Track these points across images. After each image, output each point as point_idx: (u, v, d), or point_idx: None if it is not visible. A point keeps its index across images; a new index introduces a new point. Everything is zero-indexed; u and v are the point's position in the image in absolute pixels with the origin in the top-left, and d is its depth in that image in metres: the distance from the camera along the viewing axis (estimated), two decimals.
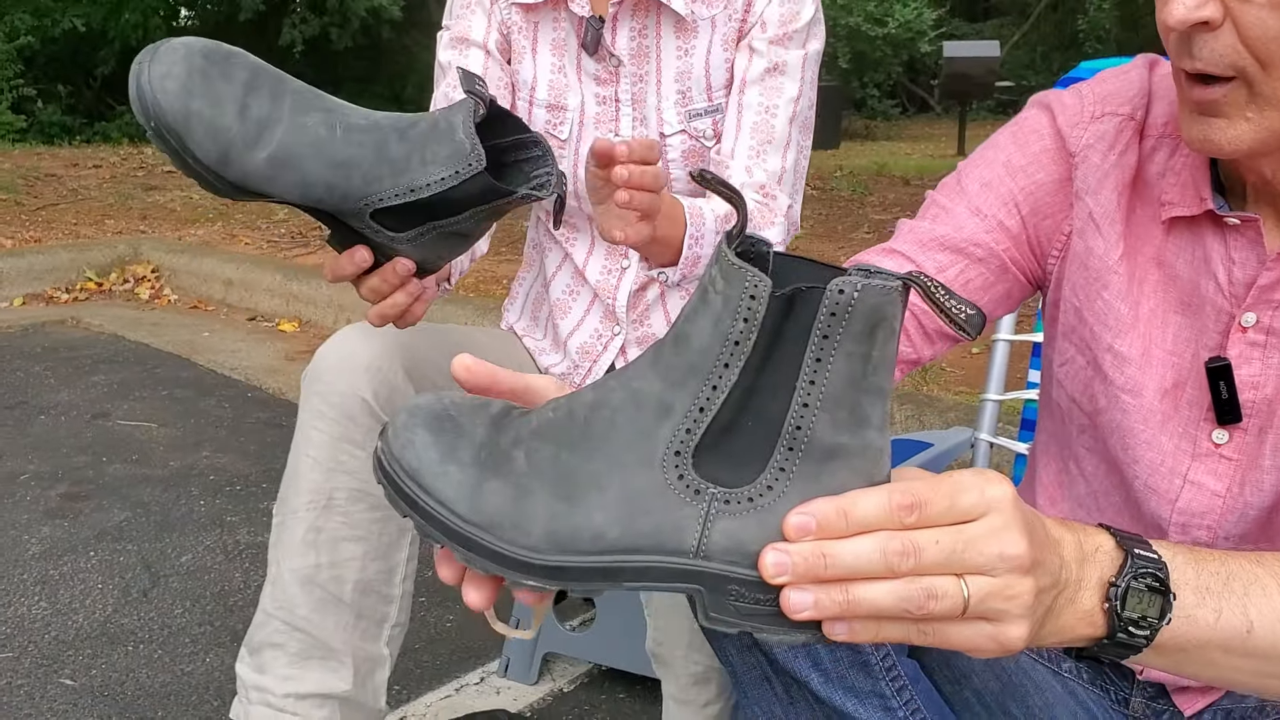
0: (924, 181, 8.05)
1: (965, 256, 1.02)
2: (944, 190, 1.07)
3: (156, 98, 0.93)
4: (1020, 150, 1.03)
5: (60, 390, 3.51)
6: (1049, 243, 1.03)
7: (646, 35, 1.43)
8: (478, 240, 1.07)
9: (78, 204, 6.40)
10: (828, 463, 0.60)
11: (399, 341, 1.33)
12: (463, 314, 3.99)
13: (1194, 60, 0.82)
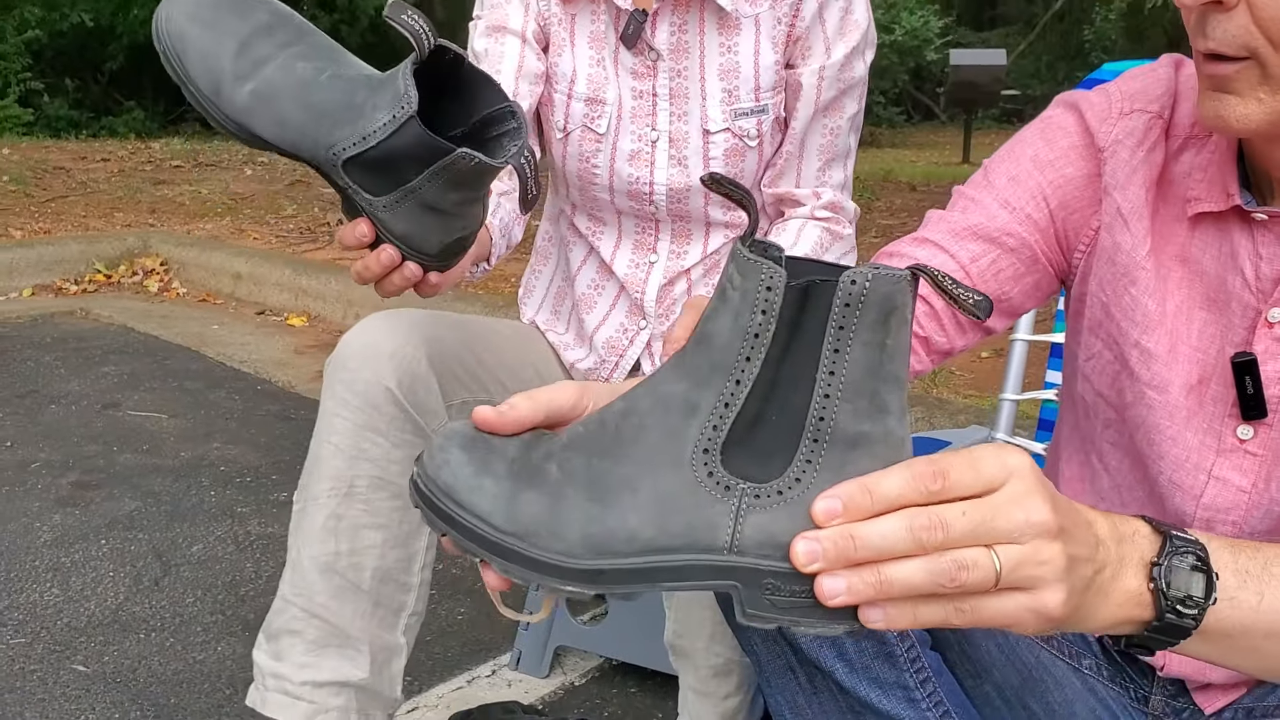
0: (930, 188, 8.06)
1: (998, 246, 1.03)
2: (972, 185, 1.08)
3: (164, 21, 0.98)
4: (1048, 146, 1.04)
5: (70, 380, 3.52)
6: (1076, 237, 1.04)
7: (687, 30, 1.42)
8: (464, 223, 1.03)
9: (87, 197, 6.42)
10: (851, 451, 0.61)
11: (423, 332, 1.33)
12: (471, 310, 3.99)
13: (1207, 40, 0.83)
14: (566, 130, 1.46)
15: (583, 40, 1.44)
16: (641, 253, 1.53)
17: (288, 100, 0.94)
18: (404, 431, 1.29)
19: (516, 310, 1.71)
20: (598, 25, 1.43)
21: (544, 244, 1.67)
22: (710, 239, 1.51)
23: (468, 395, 1.39)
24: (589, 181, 1.48)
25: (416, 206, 0.95)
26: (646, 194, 1.46)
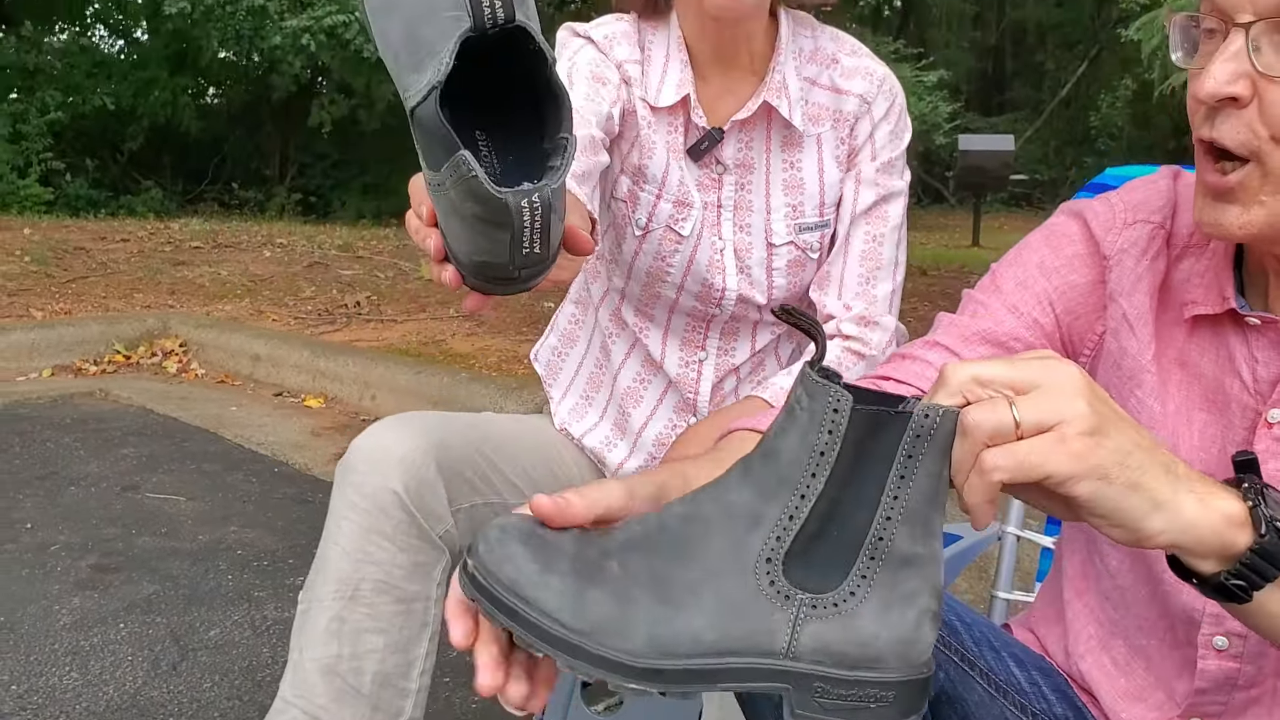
0: (940, 272, 8.13)
1: (1006, 349, 1.06)
2: (981, 290, 1.11)
3: None
4: (1053, 253, 1.07)
5: (90, 462, 3.55)
6: (1081, 342, 1.07)
7: (753, 146, 1.46)
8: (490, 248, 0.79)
9: (107, 277, 6.50)
10: (903, 570, 0.65)
11: (433, 436, 1.36)
12: (486, 394, 4.03)
13: (1213, 131, 0.86)
14: (648, 228, 1.47)
15: (662, 144, 1.46)
16: (690, 350, 1.55)
17: (401, 19, 0.81)
18: (410, 536, 1.31)
19: (529, 393, 1.72)
20: (675, 134, 1.46)
21: (571, 327, 1.68)
22: (758, 337, 1.54)
23: (478, 500, 1.41)
24: (659, 279, 1.50)
25: (446, 202, 0.80)
26: (716, 298, 1.50)
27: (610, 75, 1.42)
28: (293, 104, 14.67)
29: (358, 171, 15.11)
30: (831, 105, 1.47)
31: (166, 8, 12.85)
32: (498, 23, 0.75)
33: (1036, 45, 25.51)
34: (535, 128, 0.84)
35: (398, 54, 0.81)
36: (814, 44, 1.49)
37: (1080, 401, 0.67)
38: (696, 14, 1.41)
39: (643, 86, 1.45)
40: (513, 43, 0.78)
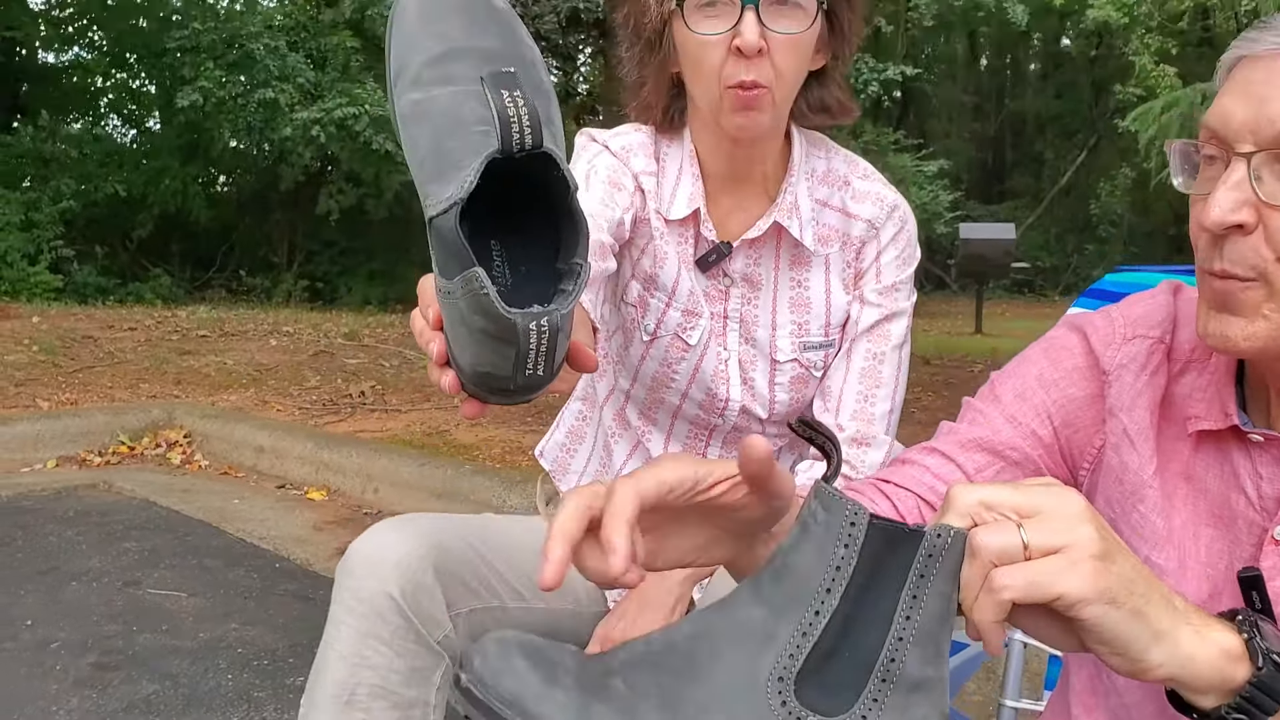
0: (943, 361, 8.15)
1: (1002, 459, 1.06)
2: (981, 398, 1.12)
3: None
4: (1053, 365, 1.08)
5: (92, 556, 3.54)
6: (1080, 456, 1.07)
7: (762, 263, 1.47)
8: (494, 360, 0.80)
9: (114, 367, 6.54)
10: (914, 694, 0.65)
11: (431, 540, 1.36)
12: (489, 487, 4.03)
13: (1221, 262, 0.87)
14: (656, 334, 1.48)
15: (673, 254, 1.47)
16: (691, 455, 1.56)
17: (430, 129, 0.82)
18: (407, 641, 1.31)
19: (533, 486, 1.72)
20: (685, 245, 1.48)
21: (578, 424, 1.68)
22: None
23: (477, 604, 1.40)
24: (664, 384, 1.51)
25: (455, 311, 0.80)
26: (719, 408, 1.51)
27: (626, 182, 1.44)
28: (301, 192, 14.87)
29: (364, 258, 15.25)
30: (841, 227, 1.49)
31: (179, 100, 13.12)
32: (525, 147, 0.77)
33: (1035, 135, 25.90)
34: (550, 239, 0.85)
35: (423, 161, 0.81)
36: (826, 165, 1.51)
37: (1088, 527, 0.69)
38: (713, 132, 1.43)
39: (657, 198, 1.47)
40: (537, 163, 0.79)
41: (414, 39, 0.85)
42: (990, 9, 21.08)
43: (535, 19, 10.09)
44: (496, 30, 0.86)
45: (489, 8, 0.87)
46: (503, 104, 0.77)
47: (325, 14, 14.54)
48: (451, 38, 0.84)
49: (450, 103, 0.82)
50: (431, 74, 0.83)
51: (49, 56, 16.65)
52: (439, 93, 0.82)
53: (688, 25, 1.32)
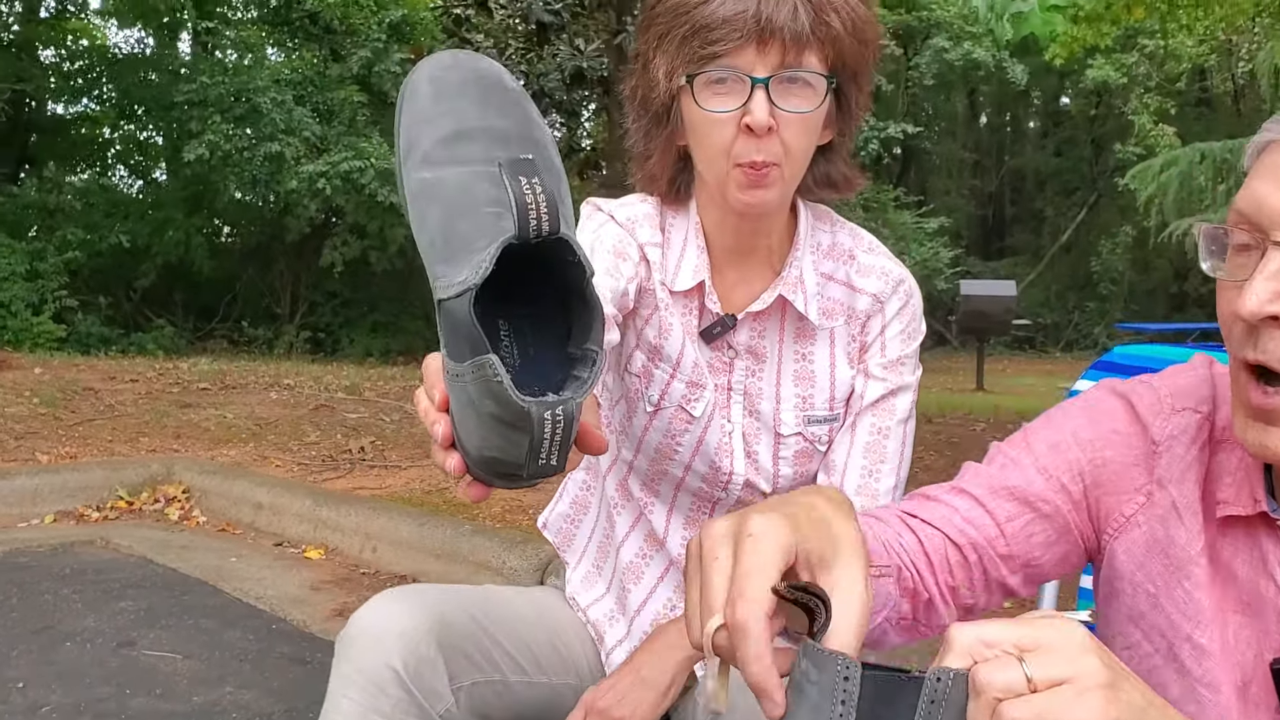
0: (945, 419, 8.13)
1: (1032, 510, 1.05)
2: (1012, 445, 1.10)
3: (415, 68, 0.88)
4: (1091, 425, 1.07)
5: (87, 616, 3.51)
6: (1107, 519, 1.06)
7: (766, 336, 1.47)
8: (502, 446, 0.79)
9: (114, 420, 6.54)
10: None
11: (433, 612, 1.35)
12: (489, 547, 4.00)
13: (1257, 353, 0.85)
14: (660, 406, 1.47)
15: (678, 325, 1.47)
16: (694, 529, 1.53)
17: (441, 208, 0.81)
18: (408, 715, 1.29)
19: (533, 547, 1.70)
20: (689, 317, 1.47)
21: (582, 494, 1.67)
22: None
23: (479, 676, 1.39)
24: (667, 456, 1.50)
25: (463, 394, 0.79)
26: (723, 482, 1.49)
27: (631, 252, 1.44)
28: (306, 244, 14.95)
29: (367, 310, 15.31)
30: (846, 301, 1.48)
31: (186, 154, 13.23)
32: (542, 234, 0.76)
33: (1035, 192, 26.10)
34: (560, 320, 0.85)
35: (433, 240, 0.81)
36: (832, 238, 1.50)
37: (1091, 657, 0.67)
38: (719, 206, 1.43)
39: (662, 269, 1.46)
40: (552, 247, 0.79)
41: (426, 117, 0.85)
42: (990, 68, 21.37)
43: (540, 76, 10.21)
44: (509, 111, 0.86)
45: (501, 88, 0.87)
46: (520, 191, 0.76)
47: (332, 69, 14.70)
48: (464, 117, 0.84)
49: (461, 183, 0.81)
50: (442, 153, 0.83)
51: (58, 108, 16.81)
52: (450, 173, 0.82)
53: (697, 102, 1.32)
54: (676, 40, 1.32)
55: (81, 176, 16.64)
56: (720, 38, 1.29)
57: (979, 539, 1.05)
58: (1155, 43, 18.05)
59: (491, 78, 0.88)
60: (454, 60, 0.89)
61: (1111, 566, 1.06)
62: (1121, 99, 21.55)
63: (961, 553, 1.06)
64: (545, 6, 10.44)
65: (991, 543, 1.05)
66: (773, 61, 1.29)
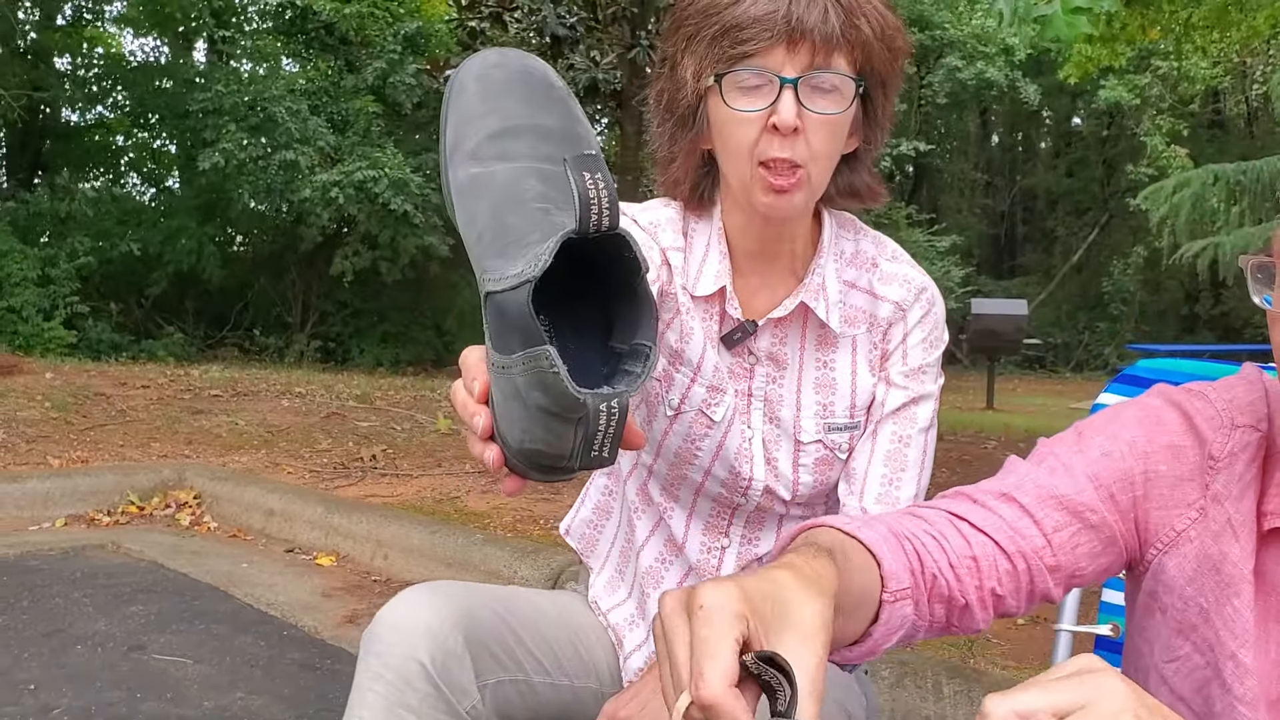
0: (956, 437, 8.11)
1: (1080, 520, 1.03)
2: (1062, 445, 1.08)
3: (460, 68, 0.89)
4: (1147, 436, 1.05)
5: (98, 619, 3.50)
6: (1156, 533, 1.04)
7: (788, 343, 1.46)
8: (547, 438, 0.79)
9: (125, 425, 6.54)
10: None
11: (460, 608, 1.34)
12: (500, 556, 3.98)
13: None
14: (680, 410, 1.47)
15: (699, 330, 1.46)
16: (713, 535, 1.53)
17: (489, 203, 0.83)
18: (436, 710, 1.28)
19: (545, 556, 1.69)
20: (710, 322, 1.47)
21: (604, 499, 1.66)
22: (783, 530, 1.52)
23: (503, 675, 1.38)
24: (687, 461, 1.49)
25: (509, 385, 0.79)
26: (742, 488, 1.48)
27: (653, 255, 1.43)
28: (317, 253, 14.97)
29: (377, 320, 15.33)
30: (868, 309, 1.47)
31: (201, 163, 13.28)
32: (601, 229, 0.76)
33: (1047, 212, 26.08)
34: (599, 318, 0.85)
35: (481, 235, 0.82)
36: (855, 246, 1.50)
37: (1129, 717, 0.64)
38: (743, 210, 1.42)
39: (683, 274, 1.46)
40: (605, 244, 0.79)
41: (472, 115, 0.86)
42: (1002, 87, 21.40)
43: None
44: (554, 109, 0.87)
45: (548, 86, 0.89)
46: (584, 186, 0.76)
47: (347, 80, 14.75)
48: (511, 115, 0.85)
49: (509, 178, 0.83)
50: (490, 149, 0.84)
51: (72, 115, 16.88)
52: (498, 168, 0.83)
53: (725, 101, 1.32)
54: (705, 40, 1.32)
55: (94, 184, 16.69)
56: (750, 37, 1.28)
57: (1027, 549, 1.03)
58: (1169, 64, 18.05)
59: (538, 75, 0.89)
60: (501, 58, 0.90)
61: (1158, 580, 1.04)
62: (1134, 120, 21.56)
63: (1011, 562, 1.04)
64: (560, 20, 10.47)
65: (1039, 553, 1.03)
66: (802, 62, 1.29)
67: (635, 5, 10.25)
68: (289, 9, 14.94)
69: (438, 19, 14.67)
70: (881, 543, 0.97)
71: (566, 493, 5.06)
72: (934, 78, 20.82)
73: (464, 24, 11.04)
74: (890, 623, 0.95)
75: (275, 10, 15.32)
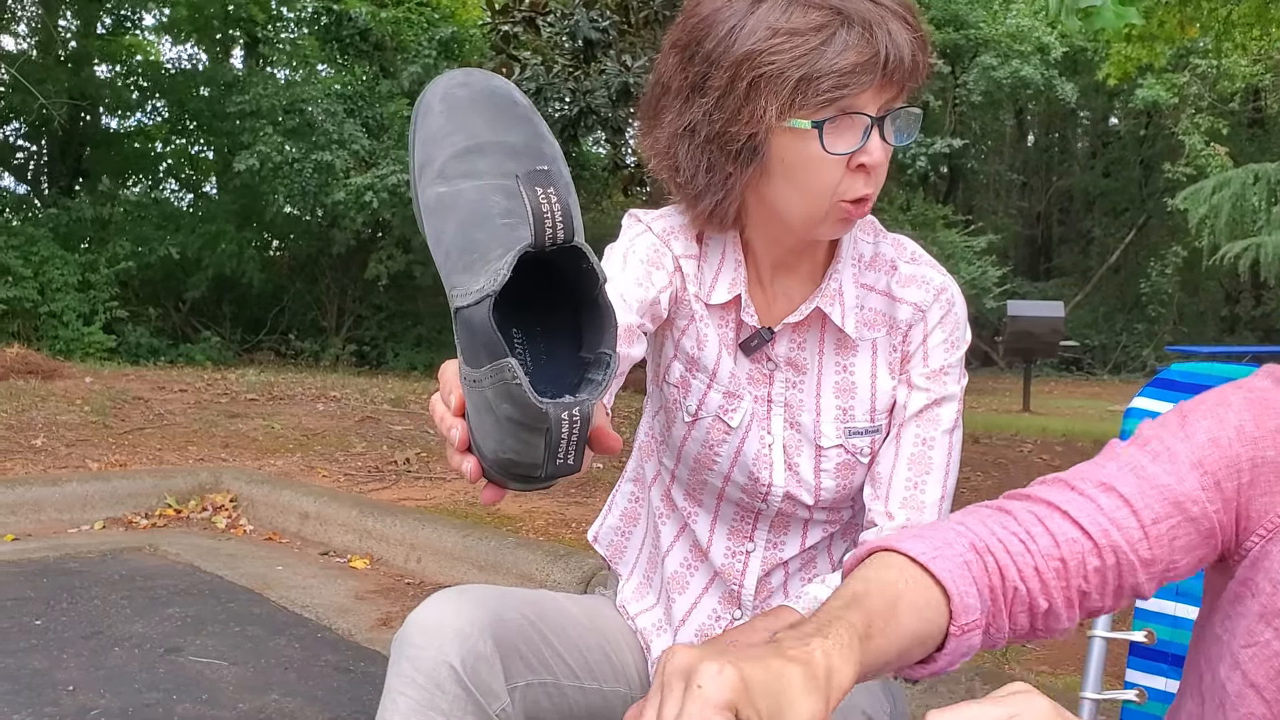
0: (992, 439, 8.05)
1: (1182, 513, 1.01)
2: (1166, 428, 1.05)
3: (427, 88, 0.92)
4: (1256, 421, 1.02)
5: (135, 621, 3.54)
6: (1257, 520, 1.02)
7: (806, 347, 1.46)
8: (518, 448, 0.81)
9: (163, 429, 6.61)
10: None
11: (489, 610, 1.34)
12: (533, 560, 3.99)
13: None
14: (697, 415, 1.47)
15: (714, 336, 1.46)
16: (738, 540, 1.53)
17: (456, 221, 0.85)
18: (466, 712, 1.28)
19: (577, 560, 1.70)
20: (726, 329, 1.47)
21: (631, 505, 1.66)
22: (809, 534, 1.51)
23: (532, 678, 1.38)
24: (706, 466, 1.49)
25: (480, 398, 0.82)
26: (763, 492, 1.48)
27: (666, 262, 1.43)
28: (352, 257, 15.08)
29: (411, 324, 15.42)
30: (887, 312, 1.47)
31: (237, 164, 13.41)
32: (557, 242, 0.78)
33: (1084, 213, 25.86)
34: (571, 326, 0.87)
35: (449, 253, 0.84)
36: (874, 249, 1.49)
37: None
38: (781, 229, 1.40)
39: (697, 281, 1.45)
40: (565, 256, 0.81)
41: (439, 135, 0.89)
42: (1038, 86, 21.23)
43: (587, 93, 10.25)
44: (519, 126, 0.90)
45: (511, 104, 0.91)
46: (537, 201, 0.78)
47: (382, 85, 14.84)
48: (476, 133, 0.88)
49: (476, 195, 0.85)
50: (457, 168, 0.87)
51: (111, 122, 17.11)
52: (465, 185, 0.86)
53: (825, 147, 1.28)
54: (791, 83, 1.26)
55: (134, 190, 16.91)
56: (850, 82, 1.25)
57: (1121, 542, 1.00)
58: (1208, 62, 17.84)
59: (501, 93, 0.92)
60: (466, 78, 0.93)
61: (1258, 566, 1.01)
62: (1172, 119, 21.32)
63: (1101, 557, 1.00)
64: (593, 24, 10.47)
65: (1134, 546, 1.00)
66: (885, 99, 1.28)
67: (668, 8, 10.25)
68: (325, 14, 15.07)
69: (472, 23, 14.74)
70: (955, 573, 0.95)
71: (599, 496, 5.07)
72: (968, 77, 20.69)
73: (497, 28, 11.06)
74: (956, 651, 0.95)
75: (311, 17, 15.45)
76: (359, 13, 14.65)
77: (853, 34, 1.25)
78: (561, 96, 10.48)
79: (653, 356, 1.55)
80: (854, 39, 1.25)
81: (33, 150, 17.01)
